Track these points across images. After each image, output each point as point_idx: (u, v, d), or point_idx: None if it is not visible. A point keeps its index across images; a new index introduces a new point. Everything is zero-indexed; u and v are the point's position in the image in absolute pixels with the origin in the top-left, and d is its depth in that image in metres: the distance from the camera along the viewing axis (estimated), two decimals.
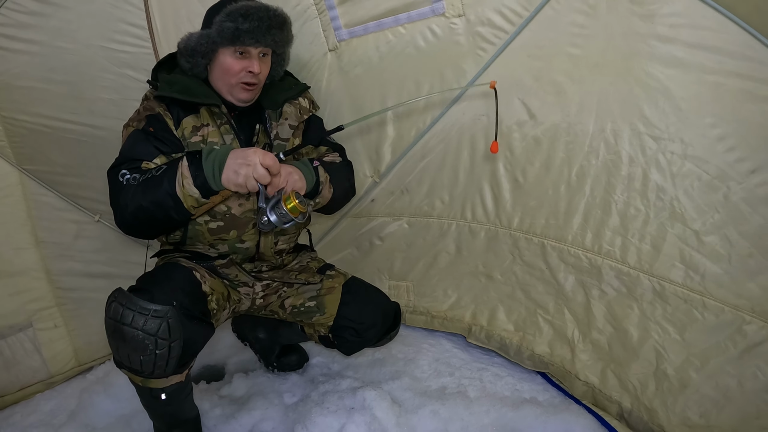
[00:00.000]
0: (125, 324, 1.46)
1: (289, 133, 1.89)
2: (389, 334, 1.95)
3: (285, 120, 1.89)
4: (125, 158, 1.64)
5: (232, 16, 1.65)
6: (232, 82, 1.73)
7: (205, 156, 1.51)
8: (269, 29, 1.70)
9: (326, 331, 1.90)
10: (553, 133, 1.89)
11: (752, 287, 1.55)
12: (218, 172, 1.49)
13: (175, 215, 1.55)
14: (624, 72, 1.66)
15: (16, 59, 1.98)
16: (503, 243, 2.14)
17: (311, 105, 2.00)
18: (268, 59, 1.80)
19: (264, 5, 1.71)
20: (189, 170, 1.50)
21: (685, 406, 1.70)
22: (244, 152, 1.48)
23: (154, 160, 1.64)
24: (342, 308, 1.86)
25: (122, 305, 1.47)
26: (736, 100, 1.47)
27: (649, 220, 1.73)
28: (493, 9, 1.81)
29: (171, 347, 1.51)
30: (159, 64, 1.84)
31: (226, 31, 1.66)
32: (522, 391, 2.02)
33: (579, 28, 1.70)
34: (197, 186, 1.50)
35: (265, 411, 1.95)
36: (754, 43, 1.39)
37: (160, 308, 1.48)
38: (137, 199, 1.53)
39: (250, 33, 1.67)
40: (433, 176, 2.23)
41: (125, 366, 1.55)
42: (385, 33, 2.02)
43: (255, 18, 1.66)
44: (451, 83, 2.01)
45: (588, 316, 1.95)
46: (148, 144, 1.66)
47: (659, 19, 1.53)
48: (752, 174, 1.50)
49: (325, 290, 1.91)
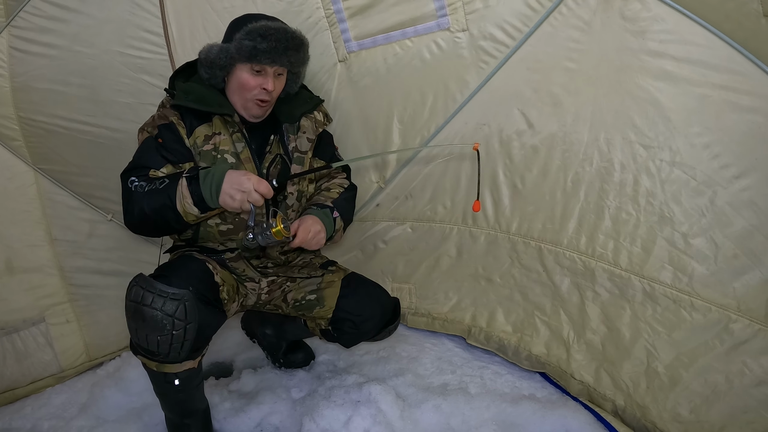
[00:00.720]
0: (145, 305, 1.56)
1: (307, 146, 1.96)
2: (387, 327, 1.99)
3: (303, 133, 1.96)
4: (135, 165, 1.74)
5: (252, 35, 1.72)
6: (246, 97, 1.81)
7: (202, 179, 1.60)
8: (286, 50, 1.76)
9: (326, 324, 1.96)
10: (550, 141, 1.99)
11: (737, 287, 1.63)
12: (215, 194, 1.59)
13: (177, 225, 1.68)
14: (616, 84, 1.77)
15: (36, 62, 2.05)
16: (502, 247, 2.23)
17: (325, 118, 2.07)
18: (283, 78, 1.87)
19: (283, 27, 1.78)
20: (188, 190, 1.60)
21: (676, 403, 1.76)
22: (238, 179, 1.58)
23: (161, 168, 1.74)
24: (341, 301, 1.91)
25: (143, 288, 1.58)
26: (721, 110, 1.58)
27: (640, 224, 1.82)
28: (495, 24, 1.91)
29: (186, 329, 1.60)
30: (176, 73, 1.91)
31: (244, 48, 1.72)
32: (521, 388, 2.09)
33: (575, 43, 1.81)
34: (196, 204, 1.61)
35: (273, 405, 2.00)
36: (738, 57, 1.50)
37: (178, 291, 1.58)
38: (143, 208, 1.64)
39: (267, 53, 1.73)
40: (436, 183, 2.32)
41: (142, 349, 1.63)
42: (393, 46, 2.11)
43: (273, 39, 1.72)
44: (455, 94, 2.11)
45: (582, 317, 2.03)
46: (157, 154, 1.75)
47: (650, 35, 1.65)
48: (736, 179, 1.61)
49: (325, 284, 1.96)
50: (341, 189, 2.04)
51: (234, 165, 1.81)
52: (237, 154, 1.82)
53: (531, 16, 1.85)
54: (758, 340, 1.59)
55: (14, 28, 2.02)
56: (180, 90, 1.82)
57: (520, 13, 1.86)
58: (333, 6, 2.10)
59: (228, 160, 1.81)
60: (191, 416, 1.85)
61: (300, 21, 2.09)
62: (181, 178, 1.63)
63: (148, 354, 1.64)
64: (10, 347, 2.17)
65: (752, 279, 1.61)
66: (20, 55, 2.05)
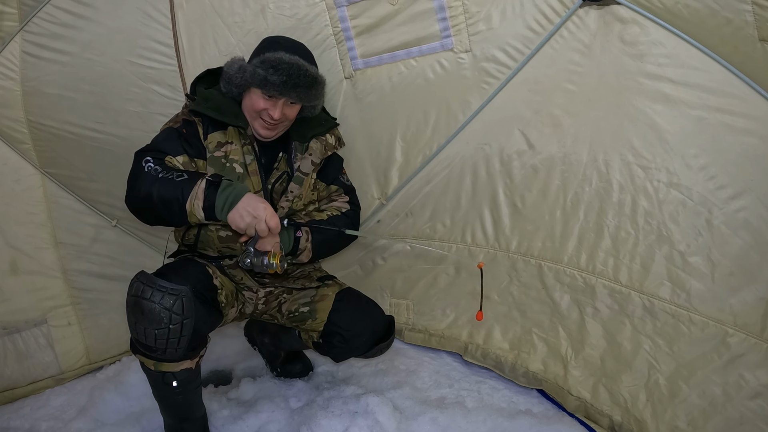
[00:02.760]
0: (144, 298, 1.60)
1: (310, 169, 1.97)
2: (379, 345, 1.99)
3: (309, 155, 1.97)
4: (154, 148, 1.77)
5: (265, 65, 1.77)
6: (253, 117, 1.85)
7: (222, 188, 1.63)
8: (295, 86, 1.78)
9: (318, 337, 1.97)
10: (550, 162, 2.03)
11: (734, 303, 1.68)
12: (227, 208, 1.62)
13: (177, 220, 1.70)
14: (615, 107, 1.83)
15: (47, 67, 2.10)
16: (501, 265, 2.25)
17: (337, 142, 2.08)
18: (296, 106, 1.88)
19: (297, 63, 1.79)
20: (204, 192, 1.62)
21: (674, 415, 1.79)
22: (255, 204, 1.63)
23: (177, 157, 1.77)
24: (332, 314, 1.93)
25: (143, 283, 1.63)
26: (718, 132, 1.64)
27: (639, 242, 1.87)
28: (498, 46, 1.97)
29: (183, 324, 1.63)
30: (198, 78, 1.94)
31: (256, 76, 1.77)
32: (518, 403, 2.10)
33: (575, 66, 1.87)
34: (204, 209, 1.63)
35: (271, 413, 2.01)
36: (735, 80, 1.56)
37: (177, 287, 1.63)
38: (151, 191, 1.64)
39: (276, 86, 1.76)
40: (437, 201, 2.34)
41: (140, 344, 1.66)
42: (398, 64, 2.16)
43: (284, 73, 1.76)
44: (457, 114, 2.15)
45: (582, 333, 2.06)
46: (177, 142, 1.79)
47: (648, 59, 1.71)
48: (732, 200, 1.66)
49: (319, 297, 1.98)
50: (337, 213, 2.06)
51: (241, 175, 1.85)
52: (245, 165, 1.86)
53: (532, 39, 1.90)
54: (754, 354, 1.63)
55: (27, 33, 2.07)
56: (200, 96, 1.86)
57: (522, 35, 1.91)
58: (341, 24, 2.14)
59: (236, 170, 1.84)
60: (189, 421, 1.86)
61: (309, 38, 2.14)
62: (202, 180, 1.65)
63: (146, 350, 1.67)
64: (11, 347, 2.18)
65: (748, 296, 1.66)
66: (32, 60, 2.09)
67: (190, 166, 1.80)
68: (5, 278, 2.16)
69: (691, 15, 1.56)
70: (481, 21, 1.95)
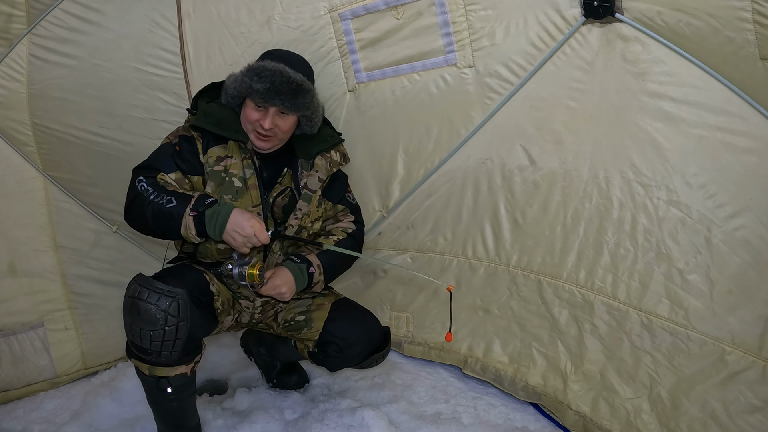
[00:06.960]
0: (141, 299, 1.61)
1: (317, 186, 1.98)
2: (374, 355, 1.98)
3: (315, 172, 1.97)
4: (148, 165, 1.81)
5: (250, 73, 1.79)
6: (248, 128, 1.86)
7: (208, 217, 1.67)
8: (279, 94, 1.77)
9: (313, 347, 1.97)
10: (551, 178, 2.04)
11: (732, 321, 1.68)
12: (218, 233, 1.69)
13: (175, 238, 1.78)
14: (616, 124, 1.84)
15: (54, 71, 2.12)
16: (501, 279, 2.25)
17: (342, 158, 2.09)
18: (289, 117, 1.86)
19: (280, 70, 1.79)
20: (193, 222, 1.67)
21: (676, 426, 1.78)
22: (241, 223, 1.67)
23: (170, 174, 1.79)
24: (328, 324, 1.94)
25: (140, 285, 1.64)
26: (718, 151, 1.65)
27: (638, 259, 1.87)
28: (501, 62, 1.98)
29: (179, 326, 1.63)
30: (201, 92, 1.95)
31: (243, 84, 1.79)
32: (514, 420, 2.09)
33: (577, 83, 1.88)
34: (198, 235, 1.70)
35: (266, 425, 1.99)
36: (735, 99, 1.58)
37: (173, 290, 1.64)
38: (146, 215, 1.70)
39: (260, 94, 1.77)
40: (438, 214, 2.35)
41: (136, 347, 1.66)
42: (401, 78, 2.17)
43: (267, 80, 1.76)
44: (459, 129, 2.16)
45: (581, 348, 2.05)
46: (171, 159, 1.81)
47: (650, 77, 1.72)
48: (731, 219, 1.67)
49: (315, 306, 1.99)
50: (343, 235, 2.05)
51: (240, 189, 1.85)
52: (244, 179, 1.86)
53: (535, 55, 1.91)
54: (752, 371, 1.63)
55: (35, 36, 2.09)
56: (201, 111, 1.87)
57: (525, 52, 1.92)
58: (345, 37, 2.16)
59: (235, 184, 1.85)
60: (183, 429, 1.85)
61: (313, 50, 2.16)
62: (188, 208, 1.68)
63: (141, 353, 1.66)
64: (6, 349, 2.17)
65: (746, 314, 1.66)
66: (39, 63, 2.11)
67: (184, 182, 1.81)
68: (3, 279, 2.17)
69: (693, 33, 1.57)
70: (485, 37, 1.97)
